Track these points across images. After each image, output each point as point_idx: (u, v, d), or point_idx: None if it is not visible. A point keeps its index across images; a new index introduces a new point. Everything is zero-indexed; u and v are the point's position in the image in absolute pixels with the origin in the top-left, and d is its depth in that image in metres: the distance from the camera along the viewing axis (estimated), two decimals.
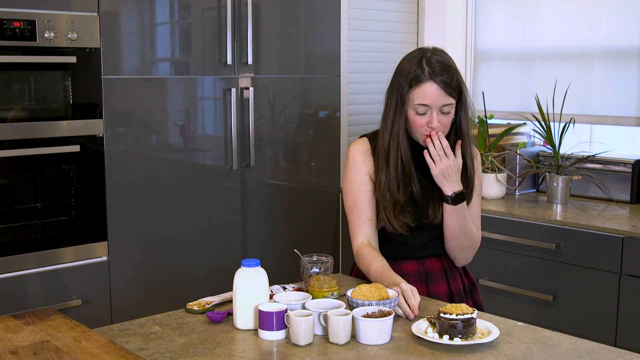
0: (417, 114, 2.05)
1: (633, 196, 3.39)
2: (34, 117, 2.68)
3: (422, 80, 2.02)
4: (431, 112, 2.04)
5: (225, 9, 3.09)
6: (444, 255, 2.23)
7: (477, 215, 2.22)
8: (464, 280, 2.25)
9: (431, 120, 2.03)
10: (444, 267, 2.21)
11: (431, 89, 2.01)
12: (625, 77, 3.61)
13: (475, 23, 4.24)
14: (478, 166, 2.23)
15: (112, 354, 1.46)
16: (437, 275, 2.19)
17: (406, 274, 2.16)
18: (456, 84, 2.04)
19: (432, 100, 2.02)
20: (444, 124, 2.06)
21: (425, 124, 2.05)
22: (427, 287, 2.16)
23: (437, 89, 2.01)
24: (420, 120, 2.05)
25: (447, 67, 2.04)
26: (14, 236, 2.70)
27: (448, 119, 2.06)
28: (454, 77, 2.04)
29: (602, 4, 3.68)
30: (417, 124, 2.06)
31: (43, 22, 2.63)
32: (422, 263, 2.19)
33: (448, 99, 2.03)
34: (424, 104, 2.03)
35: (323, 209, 3.56)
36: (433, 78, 2.01)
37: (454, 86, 2.03)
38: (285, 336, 1.73)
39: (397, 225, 2.11)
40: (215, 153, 3.17)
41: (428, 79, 2.01)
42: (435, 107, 2.03)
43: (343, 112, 3.68)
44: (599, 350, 1.67)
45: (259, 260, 1.82)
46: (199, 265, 3.16)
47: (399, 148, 2.10)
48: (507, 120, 4.04)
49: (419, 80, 2.02)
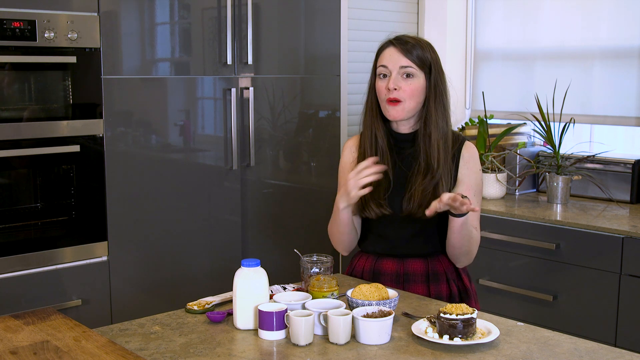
0: (380, 79, 2.15)
1: (633, 196, 3.39)
2: (34, 117, 2.68)
3: (384, 47, 2.17)
4: (391, 75, 2.12)
5: (225, 9, 3.09)
6: (431, 258, 2.20)
7: (475, 216, 2.20)
8: (452, 286, 2.21)
9: (389, 82, 2.11)
10: (427, 270, 2.18)
11: (389, 51, 2.14)
12: (625, 77, 3.61)
13: (475, 23, 4.24)
14: (475, 164, 2.21)
15: (112, 354, 1.46)
16: (417, 278, 2.18)
17: (384, 273, 2.20)
18: (417, 51, 2.11)
19: (389, 61, 2.13)
20: (405, 90, 2.11)
21: (385, 88, 2.12)
22: (403, 287, 2.16)
23: (394, 51, 2.13)
24: (382, 85, 2.14)
25: (412, 39, 2.15)
26: (14, 236, 2.70)
27: (409, 85, 2.11)
28: (417, 46, 2.13)
29: (602, 4, 3.68)
30: (379, 89, 2.15)
31: (43, 22, 2.63)
32: (403, 263, 2.19)
33: (406, 61, 2.11)
34: (383, 65, 2.14)
35: (323, 209, 3.56)
36: (392, 42, 2.15)
37: (416, 54, 2.11)
38: (285, 336, 1.73)
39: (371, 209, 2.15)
40: (215, 153, 3.17)
41: (388, 44, 2.16)
42: (395, 70, 2.11)
43: (343, 112, 3.68)
44: (599, 350, 1.67)
45: (259, 260, 1.82)
46: (199, 265, 3.16)
47: (373, 126, 2.18)
48: (507, 120, 4.04)
49: (383, 48, 2.18)
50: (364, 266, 2.26)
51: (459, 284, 2.23)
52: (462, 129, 3.95)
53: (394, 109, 2.11)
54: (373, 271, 2.22)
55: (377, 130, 2.18)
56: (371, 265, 2.23)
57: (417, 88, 2.11)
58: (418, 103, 2.13)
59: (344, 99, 3.72)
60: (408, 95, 2.11)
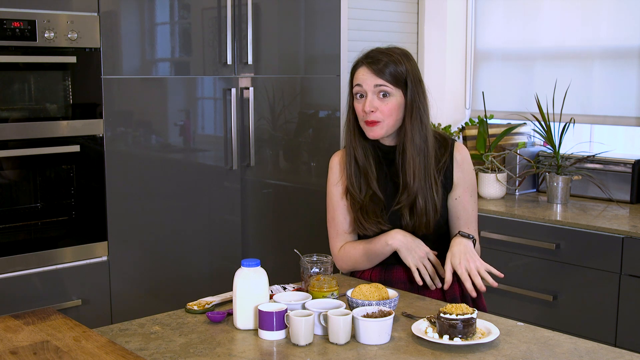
0: (357, 100, 2.12)
1: (633, 196, 3.39)
2: (34, 117, 2.68)
3: (357, 66, 2.13)
4: (366, 96, 2.09)
5: (225, 9, 3.09)
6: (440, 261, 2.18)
7: (473, 217, 2.20)
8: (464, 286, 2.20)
9: (364, 104, 2.08)
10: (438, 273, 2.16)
11: (362, 71, 2.10)
12: (625, 77, 3.61)
13: (475, 23, 4.24)
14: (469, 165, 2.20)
15: (112, 354, 1.46)
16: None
17: (396, 281, 2.17)
18: (390, 69, 2.06)
19: (363, 81, 2.08)
20: (382, 110, 2.07)
21: (362, 110, 2.10)
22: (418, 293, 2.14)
23: (366, 71, 2.08)
24: (359, 107, 2.11)
25: (385, 54, 2.09)
26: (14, 236, 2.70)
27: (386, 105, 2.07)
28: (390, 63, 2.07)
29: (602, 4, 3.68)
30: (357, 111, 2.12)
31: (43, 22, 2.63)
32: None
33: (378, 80, 2.06)
34: (358, 85, 2.10)
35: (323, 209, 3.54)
36: (362, 61, 2.10)
37: (389, 72, 2.06)
38: (285, 336, 1.73)
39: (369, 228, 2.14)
40: (215, 153, 3.17)
41: (361, 63, 2.11)
42: (369, 90, 2.08)
43: (343, 112, 3.67)
44: (599, 350, 1.67)
45: (259, 260, 1.82)
46: (199, 265, 3.16)
47: (352, 145, 2.16)
48: (507, 120, 4.04)
49: (356, 67, 2.13)
50: (370, 276, 2.22)
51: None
52: (462, 129, 3.95)
53: (372, 130, 2.09)
54: (384, 281, 2.17)
55: (356, 150, 2.15)
56: (380, 275, 2.19)
57: (394, 106, 2.08)
58: (397, 120, 2.10)
59: (344, 99, 3.72)
60: (386, 115, 2.08)
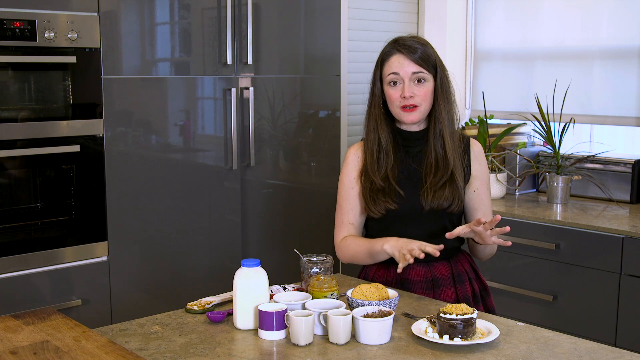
0: (391, 87, 2.15)
1: (633, 196, 3.39)
2: (34, 117, 2.68)
3: (390, 53, 2.16)
4: (403, 82, 2.12)
5: (225, 9, 3.09)
6: (453, 260, 2.21)
7: (489, 210, 2.26)
8: (474, 285, 2.22)
9: (404, 90, 2.12)
10: (452, 273, 2.18)
11: (397, 58, 2.14)
12: (625, 77, 3.61)
13: (475, 23, 4.24)
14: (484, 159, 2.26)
15: (112, 354, 1.46)
16: (445, 281, 2.17)
17: (413, 281, 2.16)
18: (424, 56, 2.13)
19: (399, 68, 2.13)
20: (419, 95, 2.13)
21: (400, 96, 2.14)
22: (433, 293, 2.15)
23: (402, 58, 2.13)
24: (394, 93, 2.15)
25: (415, 41, 2.16)
26: (14, 236, 2.70)
27: (423, 90, 2.14)
28: (422, 48, 2.14)
29: (602, 4, 3.68)
30: (392, 97, 2.15)
31: (43, 22, 2.63)
32: (430, 268, 2.16)
33: (417, 67, 2.13)
34: (393, 73, 2.14)
35: (323, 209, 3.56)
36: (398, 49, 2.15)
37: (423, 57, 2.13)
38: (285, 336, 1.73)
39: (376, 209, 2.16)
40: (215, 153, 3.17)
41: (395, 51, 2.15)
42: (406, 77, 2.13)
43: (343, 112, 3.68)
44: (599, 350, 1.67)
45: (259, 260, 1.82)
46: (199, 265, 3.16)
47: (377, 130, 2.19)
48: (507, 120, 4.04)
49: (388, 54, 2.17)
50: (385, 276, 2.21)
51: (478, 283, 2.26)
52: (462, 129, 3.95)
53: (411, 114, 2.14)
54: (400, 281, 2.17)
55: (382, 134, 2.20)
56: (395, 275, 2.17)
57: (429, 91, 2.15)
58: (431, 103, 2.18)
59: (344, 99, 3.72)
60: (423, 99, 2.14)
